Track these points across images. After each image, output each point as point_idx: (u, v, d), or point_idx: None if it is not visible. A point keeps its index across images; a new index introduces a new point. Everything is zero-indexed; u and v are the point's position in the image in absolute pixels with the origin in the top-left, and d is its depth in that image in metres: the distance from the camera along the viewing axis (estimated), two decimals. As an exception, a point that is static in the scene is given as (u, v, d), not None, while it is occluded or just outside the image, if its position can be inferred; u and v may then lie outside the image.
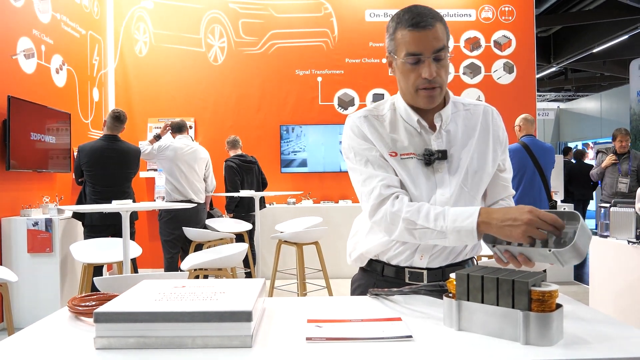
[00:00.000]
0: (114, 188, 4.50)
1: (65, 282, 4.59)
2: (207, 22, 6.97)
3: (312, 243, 4.61)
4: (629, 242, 3.44)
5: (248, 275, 5.56)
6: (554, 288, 0.94)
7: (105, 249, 3.79)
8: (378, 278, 1.52)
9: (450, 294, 1.06)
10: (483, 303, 0.99)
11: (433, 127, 1.46)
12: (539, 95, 16.46)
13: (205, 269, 3.64)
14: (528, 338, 0.92)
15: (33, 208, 4.69)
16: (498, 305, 0.97)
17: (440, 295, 1.11)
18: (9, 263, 4.41)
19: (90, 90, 6.31)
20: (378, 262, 1.53)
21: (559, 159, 6.83)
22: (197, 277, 3.98)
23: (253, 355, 0.88)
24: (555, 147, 16.32)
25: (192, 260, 3.40)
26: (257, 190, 5.68)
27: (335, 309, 1.21)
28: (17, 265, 4.41)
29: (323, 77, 7.05)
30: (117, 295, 1.08)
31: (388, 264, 1.50)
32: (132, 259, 3.73)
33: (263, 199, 5.95)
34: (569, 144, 15.15)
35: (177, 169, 5.04)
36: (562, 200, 6.67)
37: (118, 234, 4.12)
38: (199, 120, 6.97)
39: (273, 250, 4.77)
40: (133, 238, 4.41)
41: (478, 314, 0.99)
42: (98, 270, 4.20)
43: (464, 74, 7.11)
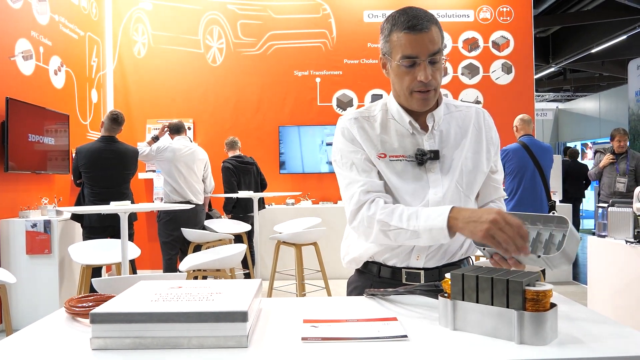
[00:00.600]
0: (112, 189, 4.50)
1: (64, 283, 4.59)
2: (205, 23, 6.98)
3: (310, 244, 4.61)
4: (627, 242, 3.45)
5: (247, 276, 5.56)
6: (548, 287, 0.95)
7: (104, 250, 3.79)
8: (374, 279, 1.52)
9: (446, 294, 1.06)
10: (478, 303, 0.99)
11: (425, 128, 1.47)
12: (538, 96, 16.47)
13: (204, 270, 3.64)
14: (522, 337, 0.92)
15: (32, 209, 4.70)
16: (493, 305, 0.97)
17: (436, 295, 1.12)
18: (8, 264, 4.41)
19: (89, 92, 6.31)
20: (374, 263, 1.53)
21: (558, 159, 6.84)
22: (195, 278, 3.98)
23: (249, 356, 0.88)
24: (554, 147, 16.33)
25: (190, 261, 3.41)
26: (256, 191, 5.68)
27: (331, 309, 1.21)
28: (15, 267, 4.41)
29: (322, 78, 7.05)
30: (113, 296, 1.09)
31: (384, 265, 1.50)
32: (130, 260, 3.73)
33: (262, 200, 5.95)
34: (568, 144, 15.17)
35: (175, 170, 5.05)
36: (560, 200, 6.67)
37: (117, 235, 4.12)
38: (198, 122, 6.98)
39: (272, 251, 4.78)
40: (132, 239, 4.42)
41: (473, 314, 1.00)
42: (97, 272, 4.20)
43: (463, 75, 7.12)
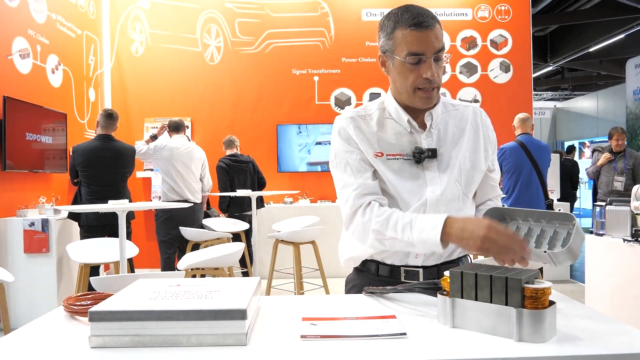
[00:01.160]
0: (110, 188, 4.50)
1: (62, 282, 4.59)
2: (203, 21, 6.97)
3: (309, 242, 4.61)
4: (625, 240, 3.45)
5: (245, 275, 5.56)
6: (547, 285, 0.95)
7: (102, 249, 3.78)
8: (373, 278, 1.52)
9: (445, 292, 1.06)
10: (477, 300, 0.99)
11: (423, 126, 1.47)
12: (536, 95, 16.50)
13: (202, 269, 3.64)
14: (521, 335, 0.93)
15: (29, 208, 4.68)
16: (491, 303, 0.97)
17: (435, 293, 1.12)
18: (6, 263, 4.40)
19: (87, 91, 6.30)
20: (372, 261, 1.53)
21: (555, 158, 6.84)
22: (194, 276, 3.98)
23: (247, 353, 0.88)
24: (552, 146, 16.36)
25: (188, 260, 3.40)
26: (252, 190, 5.67)
27: (330, 307, 1.21)
28: (13, 266, 4.40)
29: (320, 76, 7.05)
30: (112, 295, 1.08)
31: (383, 264, 1.50)
32: (128, 259, 3.73)
33: (261, 199, 5.95)
34: (565, 143, 15.20)
35: (173, 169, 5.04)
36: (558, 199, 6.68)
37: (114, 234, 4.11)
38: (196, 120, 6.97)
39: (270, 250, 4.78)
40: (129, 238, 4.41)
41: (472, 311, 1.00)
42: (95, 271, 4.19)
43: (460, 73, 7.12)
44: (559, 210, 1.21)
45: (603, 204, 3.72)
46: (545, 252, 1.12)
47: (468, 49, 7.12)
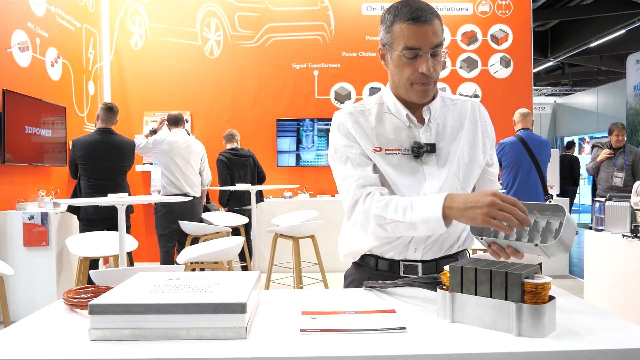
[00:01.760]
0: (109, 181, 4.49)
1: (61, 275, 4.59)
2: (203, 15, 6.94)
3: (308, 237, 4.62)
4: (624, 236, 3.46)
5: (244, 269, 5.56)
6: (547, 280, 0.95)
7: (102, 243, 3.78)
8: (372, 272, 1.52)
9: (444, 286, 1.06)
10: (476, 295, 1.00)
11: (421, 121, 1.47)
12: (536, 90, 16.47)
13: (202, 263, 3.64)
14: (521, 329, 0.93)
15: (29, 202, 4.69)
16: (491, 297, 0.97)
17: (434, 288, 1.12)
18: (5, 256, 4.41)
19: (86, 84, 6.28)
20: (372, 256, 1.53)
21: (555, 153, 6.84)
22: (193, 270, 3.98)
23: (247, 347, 0.88)
24: (552, 141, 16.35)
25: (188, 254, 3.41)
26: (252, 184, 5.67)
27: (330, 301, 1.21)
28: (12, 259, 4.40)
29: (319, 70, 7.03)
30: (112, 288, 1.08)
31: (382, 258, 1.51)
32: (128, 253, 3.72)
33: (261, 193, 5.95)
34: (566, 139, 15.19)
35: (172, 163, 5.04)
36: (557, 195, 6.69)
37: (113, 228, 4.11)
38: (195, 114, 6.96)
39: (269, 244, 4.78)
40: (128, 231, 4.41)
41: (471, 306, 1.00)
42: (94, 264, 4.20)
43: (461, 68, 7.11)
44: (549, 202, 1.20)
45: (603, 200, 3.73)
46: (537, 245, 1.12)
47: (468, 44, 7.10)
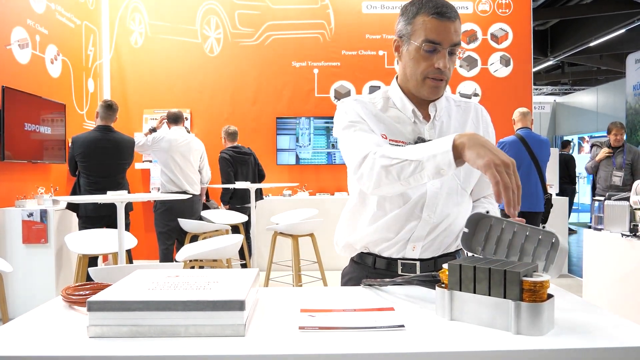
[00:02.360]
0: (109, 179, 4.49)
1: (60, 273, 4.59)
2: (203, 13, 6.93)
3: (307, 235, 4.62)
4: (623, 235, 3.46)
5: (244, 267, 5.57)
6: (546, 278, 0.95)
7: (101, 240, 3.78)
8: (370, 271, 1.52)
9: (443, 284, 1.06)
10: (475, 293, 0.99)
11: (426, 117, 1.47)
12: (536, 89, 16.48)
13: (201, 260, 3.65)
14: (519, 328, 0.93)
15: (28, 199, 4.68)
16: (490, 295, 0.97)
17: (433, 286, 1.12)
18: (4, 254, 4.41)
19: (86, 81, 6.28)
20: (369, 254, 1.53)
21: (555, 152, 6.84)
22: (192, 268, 3.98)
23: (246, 344, 0.88)
24: (551, 140, 16.36)
25: (187, 252, 3.41)
26: (253, 182, 5.67)
27: (329, 299, 1.21)
28: (11, 256, 4.40)
29: (319, 69, 7.03)
30: (110, 285, 1.08)
31: (380, 256, 1.51)
32: (127, 250, 3.73)
33: (260, 191, 5.95)
34: (565, 138, 15.20)
35: (171, 161, 5.03)
36: (557, 194, 6.69)
37: (113, 225, 4.12)
38: (195, 112, 6.95)
39: (269, 242, 4.78)
40: (128, 229, 4.41)
41: (470, 304, 1.00)
42: (93, 262, 4.20)
43: (461, 67, 7.10)
44: (543, 227, 1.18)
45: (602, 199, 3.73)
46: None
47: (468, 43, 7.10)
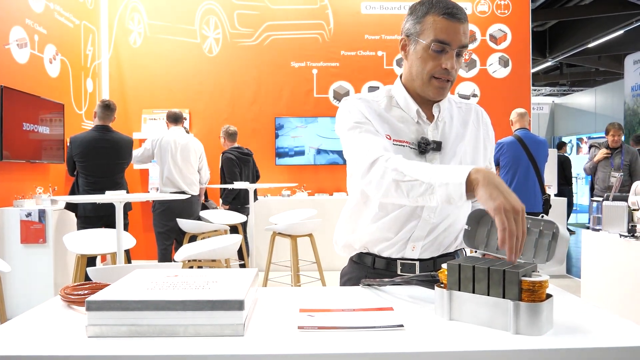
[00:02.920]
0: (107, 179, 4.49)
1: (59, 273, 4.58)
2: (202, 13, 6.93)
3: (306, 235, 4.62)
4: (621, 235, 3.47)
5: (242, 267, 5.56)
6: (545, 278, 0.95)
7: (99, 240, 3.77)
8: (369, 270, 1.52)
9: (442, 284, 1.06)
10: (474, 293, 1.00)
11: (429, 118, 1.48)
12: (534, 90, 16.49)
13: (199, 260, 3.64)
14: (518, 328, 0.93)
15: (26, 199, 4.67)
16: (489, 295, 0.97)
17: (432, 286, 1.12)
18: (2, 254, 4.40)
19: (84, 81, 6.27)
20: (368, 254, 1.53)
21: (553, 153, 6.85)
22: (191, 268, 3.98)
23: (245, 344, 0.88)
24: (550, 141, 16.38)
25: (186, 252, 3.41)
26: (251, 183, 5.67)
27: (328, 299, 1.21)
28: (10, 256, 4.39)
29: (318, 69, 7.03)
30: (109, 285, 1.08)
31: (379, 257, 1.51)
32: (125, 250, 3.72)
33: (255, 191, 5.95)
34: (563, 139, 15.22)
35: (170, 161, 5.03)
36: (555, 194, 6.70)
37: (111, 225, 4.11)
38: (194, 112, 6.95)
39: (267, 242, 4.78)
40: (126, 229, 4.40)
41: (469, 304, 1.00)
42: (91, 262, 4.19)
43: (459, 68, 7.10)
44: (542, 217, 1.18)
45: (600, 200, 3.73)
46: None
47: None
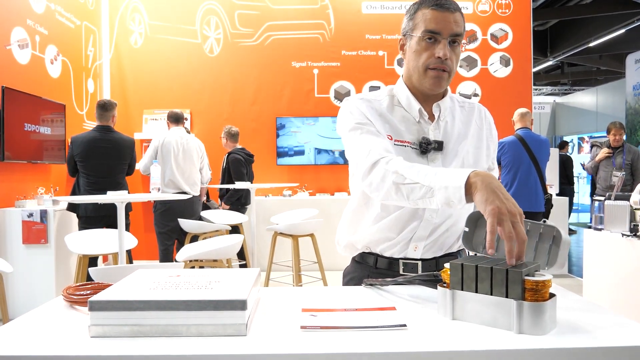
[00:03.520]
0: (108, 179, 4.49)
1: (60, 273, 4.59)
2: (202, 13, 6.93)
3: (307, 235, 4.62)
4: (623, 235, 3.46)
5: (243, 267, 5.56)
6: (548, 277, 0.95)
7: (101, 240, 3.77)
8: (371, 270, 1.52)
9: (445, 284, 1.06)
10: (477, 292, 0.99)
11: (431, 117, 1.47)
12: (535, 89, 16.48)
13: (201, 260, 3.64)
14: (521, 327, 0.92)
15: (28, 199, 4.68)
16: (492, 295, 0.97)
17: (435, 285, 1.12)
18: (4, 254, 4.40)
19: (85, 82, 6.27)
20: (371, 254, 1.53)
21: (555, 152, 6.84)
22: (192, 268, 3.98)
23: (247, 344, 0.88)
24: (551, 140, 16.36)
25: (187, 252, 3.41)
26: (251, 183, 5.67)
27: (330, 299, 1.21)
28: (12, 257, 4.40)
29: (319, 69, 7.03)
30: (111, 285, 1.08)
31: (381, 256, 1.50)
32: (127, 251, 3.72)
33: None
34: (565, 138, 15.20)
35: (172, 161, 5.03)
36: (557, 194, 6.69)
37: (112, 225, 4.11)
38: (195, 112, 6.95)
39: (269, 242, 4.78)
40: (128, 229, 4.41)
41: (472, 304, 1.00)
42: (93, 262, 4.19)
43: (460, 67, 7.10)
44: (544, 222, 1.17)
45: (602, 199, 3.73)
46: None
47: (468, 43, 7.10)
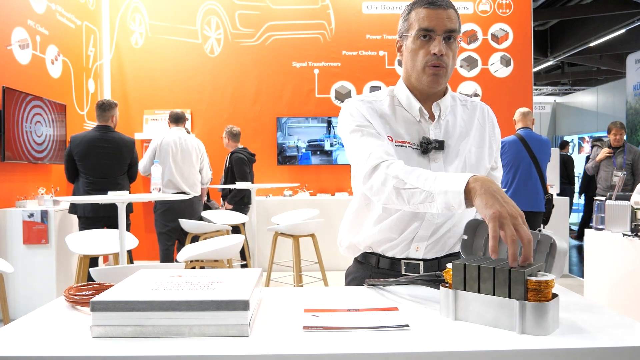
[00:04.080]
0: (108, 179, 4.48)
1: (61, 273, 4.59)
2: (203, 13, 6.93)
3: (308, 235, 4.62)
4: (624, 235, 3.46)
5: (244, 267, 5.56)
6: (551, 278, 0.95)
7: (101, 241, 3.77)
8: (373, 270, 1.52)
9: (447, 284, 1.06)
10: (479, 293, 0.99)
11: (432, 117, 1.47)
12: (536, 89, 16.48)
13: (202, 261, 3.64)
14: (524, 327, 0.92)
15: (28, 199, 4.68)
16: (494, 295, 0.97)
17: (437, 285, 1.12)
18: (5, 254, 4.40)
19: (86, 82, 6.28)
20: (373, 254, 1.53)
21: (555, 152, 6.84)
22: (193, 268, 3.97)
23: (250, 344, 0.88)
24: (552, 140, 16.36)
25: (188, 252, 3.41)
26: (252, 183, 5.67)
27: (332, 299, 1.21)
28: (12, 257, 4.40)
29: (320, 69, 7.03)
30: (113, 285, 1.08)
31: (383, 256, 1.50)
32: (128, 251, 3.72)
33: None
34: (565, 138, 15.20)
35: (172, 161, 5.02)
36: (557, 194, 6.69)
37: (112, 226, 4.11)
38: (195, 112, 6.95)
39: (269, 243, 4.78)
40: (128, 229, 4.41)
41: (474, 304, 0.99)
42: (94, 262, 4.19)
43: (461, 67, 7.10)
44: (539, 230, 1.15)
45: (603, 199, 3.72)
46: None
47: (469, 43, 7.10)
